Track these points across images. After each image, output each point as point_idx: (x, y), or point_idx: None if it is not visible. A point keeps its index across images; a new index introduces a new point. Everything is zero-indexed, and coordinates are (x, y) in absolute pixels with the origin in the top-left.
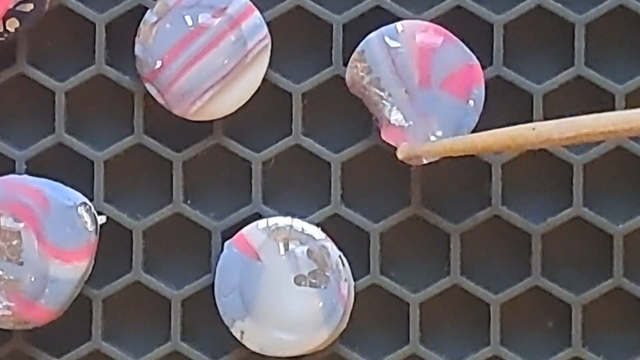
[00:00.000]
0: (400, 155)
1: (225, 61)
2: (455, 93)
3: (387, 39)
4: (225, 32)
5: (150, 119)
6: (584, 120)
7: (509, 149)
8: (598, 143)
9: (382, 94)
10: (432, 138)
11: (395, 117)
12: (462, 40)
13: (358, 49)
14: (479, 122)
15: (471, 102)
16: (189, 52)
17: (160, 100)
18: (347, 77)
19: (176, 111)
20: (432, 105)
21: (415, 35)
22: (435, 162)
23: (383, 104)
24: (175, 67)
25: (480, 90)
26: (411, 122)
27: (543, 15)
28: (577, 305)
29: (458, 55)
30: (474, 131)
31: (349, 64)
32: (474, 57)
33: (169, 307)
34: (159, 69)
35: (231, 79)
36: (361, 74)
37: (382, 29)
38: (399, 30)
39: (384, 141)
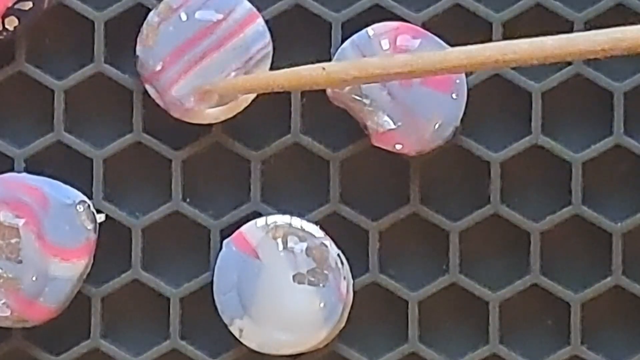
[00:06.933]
0: (214, 98)
1: (227, 66)
2: (438, 87)
3: (360, 46)
4: (228, 37)
5: (149, 117)
6: (373, 61)
7: (303, 87)
8: (596, 140)
9: (365, 101)
10: (428, 133)
11: (383, 121)
12: (461, 39)
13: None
14: (465, 112)
15: (454, 94)
16: (191, 56)
17: (159, 101)
18: (328, 90)
19: (174, 114)
20: (417, 103)
21: (387, 36)
22: (434, 159)
23: (368, 110)
24: (176, 70)
25: (462, 80)
26: (400, 124)
27: (542, 14)
28: (576, 304)
29: (434, 49)
30: (461, 121)
31: None
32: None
33: (168, 306)
34: (159, 71)
35: None
36: None
37: (354, 37)
38: (371, 35)
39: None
